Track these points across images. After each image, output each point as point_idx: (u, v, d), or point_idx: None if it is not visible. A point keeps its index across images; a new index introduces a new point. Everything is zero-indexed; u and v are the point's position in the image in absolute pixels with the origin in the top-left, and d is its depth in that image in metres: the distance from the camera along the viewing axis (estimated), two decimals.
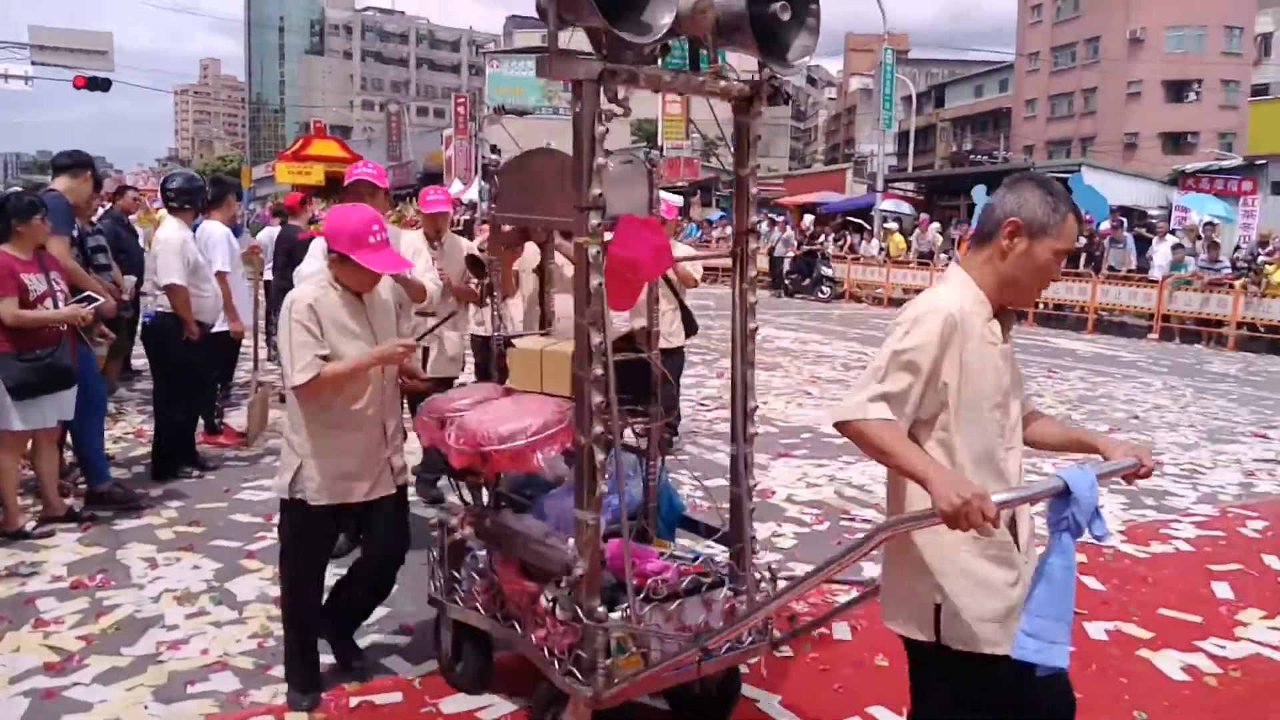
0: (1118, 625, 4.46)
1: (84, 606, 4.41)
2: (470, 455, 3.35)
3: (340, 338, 3.48)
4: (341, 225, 3.48)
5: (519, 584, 3.42)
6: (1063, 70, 57.58)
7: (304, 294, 3.50)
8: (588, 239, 2.98)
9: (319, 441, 3.52)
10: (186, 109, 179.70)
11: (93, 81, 29.34)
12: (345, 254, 3.46)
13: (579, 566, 3.05)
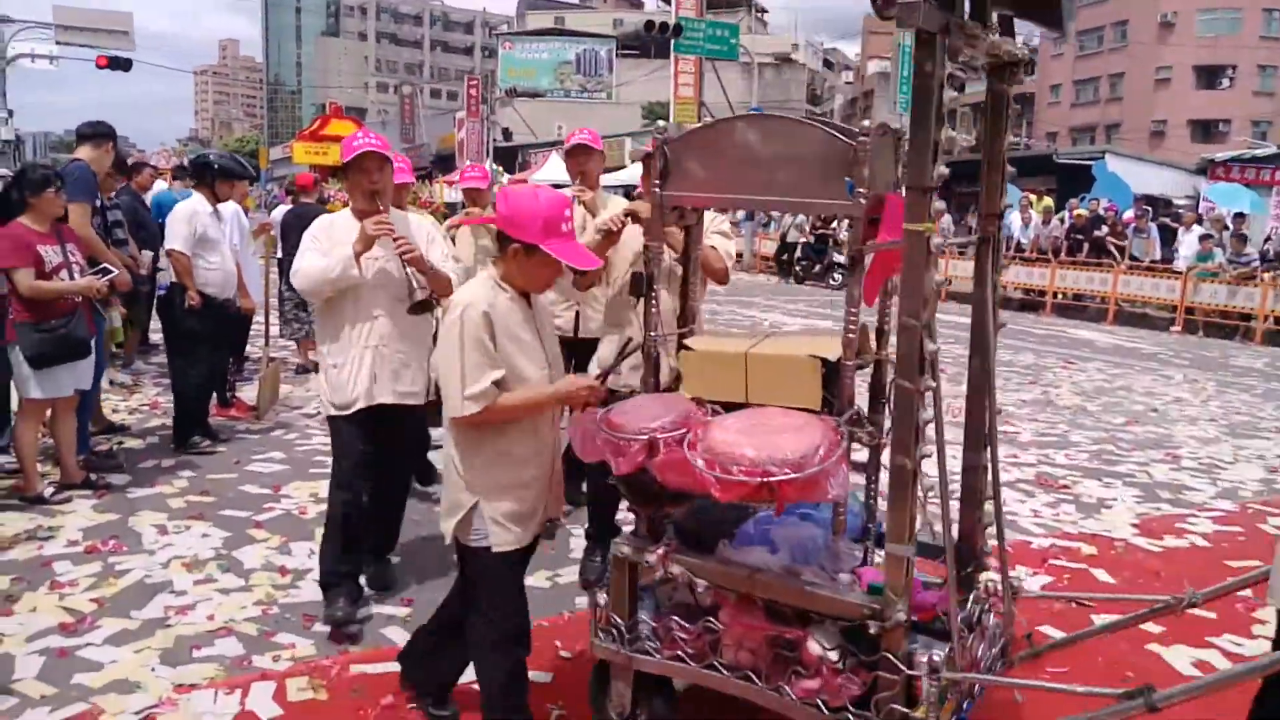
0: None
1: (97, 570, 4.48)
2: (748, 486, 2.74)
3: (516, 351, 2.91)
4: (531, 209, 2.85)
5: (763, 628, 2.99)
6: (1089, 54, 56.70)
7: (475, 298, 2.87)
8: (925, 225, 2.60)
9: (493, 474, 2.96)
10: (206, 90, 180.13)
11: (114, 61, 29.56)
12: (535, 244, 2.84)
13: (896, 609, 2.69)
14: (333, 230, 4.02)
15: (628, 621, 3.22)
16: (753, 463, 2.72)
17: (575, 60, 67.91)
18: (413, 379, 4.14)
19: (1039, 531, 5.62)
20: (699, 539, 3.18)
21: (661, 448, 2.90)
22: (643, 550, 3.15)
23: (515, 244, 2.86)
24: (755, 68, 34.68)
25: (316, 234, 4.02)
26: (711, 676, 3.06)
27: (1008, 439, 7.74)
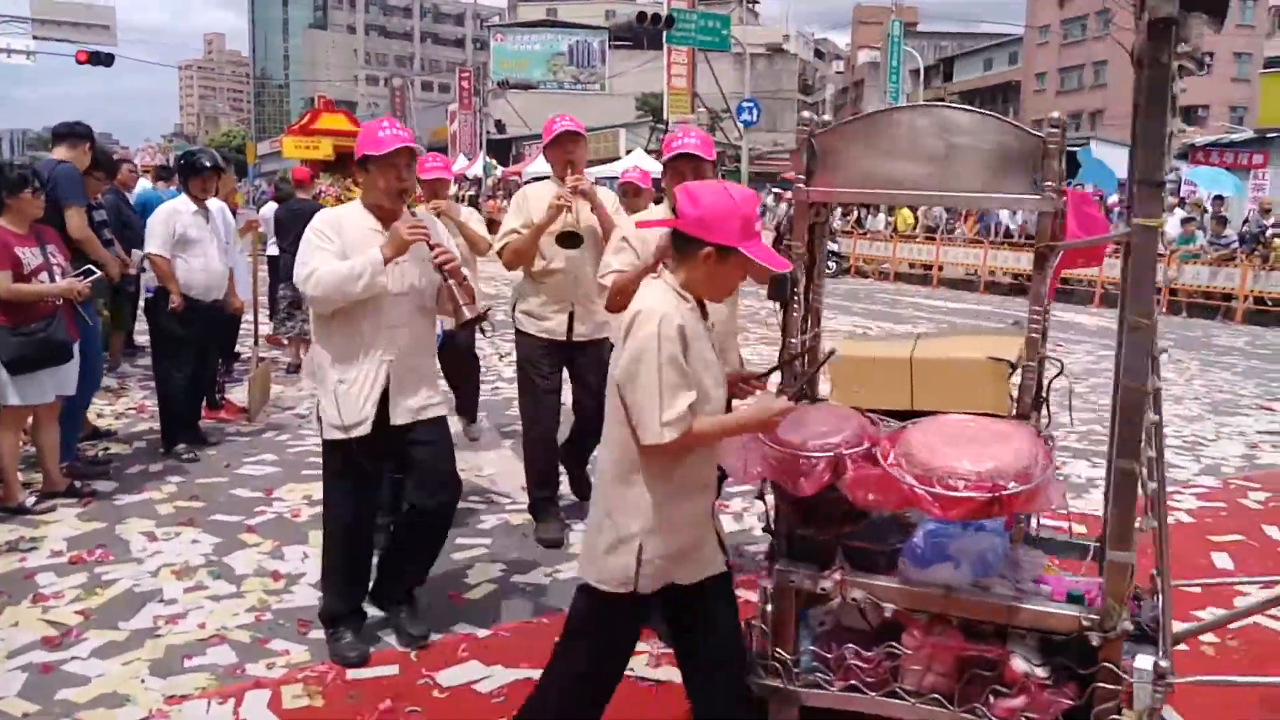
0: None
1: (83, 581, 4.40)
2: (975, 503, 2.59)
3: (703, 370, 2.62)
4: (728, 207, 2.53)
5: (958, 648, 2.83)
6: (1073, 43, 57.13)
7: (668, 310, 2.54)
8: (1157, 221, 2.50)
9: (667, 510, 2.64)
10: (191, 84, 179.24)
11: (95, 56, 29.29)
12: (733, 247, 2.54)
13: (1120, 618, 2.60)
14: (342, 229, 3.62)
15: (794, 654, 2.98)
16: (979, 476, 2.57)
17: (568, 52, 67.62)
18: (427, 394, 3.78)
19: None
20: (869, 559, 2.95)
21: (849, 465, 2.73)
22: (814, 576, 2.91)
23: (708, 248, 2.54)
24: (747, 58, 34.58)
25: (325, 232, 3.61)
26: (893, 705, 2.88)
27: None
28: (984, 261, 19.69)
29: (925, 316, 14.63)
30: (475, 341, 6.98)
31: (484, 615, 4.12)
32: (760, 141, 44.80)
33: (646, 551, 2.60)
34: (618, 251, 3.90)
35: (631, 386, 2.53)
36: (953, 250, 20.75)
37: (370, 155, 3.59)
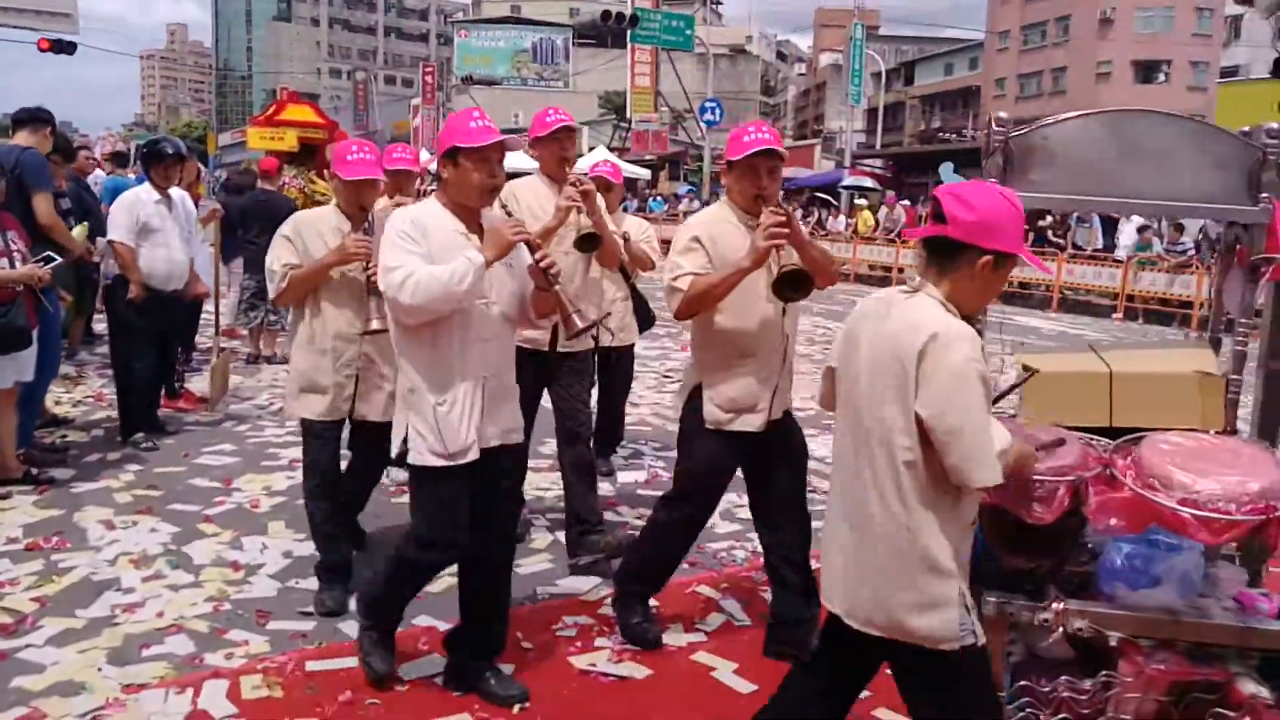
0: None
1: (39, 568, 4.35)
2: (1245, 526, 2.48)
3: None
4: (1009, 210, 2.32)
5: (1181, 674, 2.68)
6: (1033, 49, 57.84)
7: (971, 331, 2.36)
8: None
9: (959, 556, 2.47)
10: (153, 74, 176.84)
11: (57, 44, 28.83)
12: (1013, 253, 2.34)
13: None
14: (427, 230, 3.17)
15: (1009, 690, 2.77)
16: (1252, 498, 2.42)
17: (532, 49, 67.51)
18: (513, 414, 3.45)
19: None
20: (1076, 584, 2.79)
21: (1089, 489, 2.58)
22: (1032, 608, 2.71)
23: (986, 255, 2.28)
24: (710, 59, 34.71)
25: (410, 233, 3.14)
26: None
27: None
28: None
29: None
30: None
31: (443, 608, 4.10)
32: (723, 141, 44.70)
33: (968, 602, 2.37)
34: (687, 252, 3.51)
35: (955, 417, 2.23)
36: (912, 252, 20.95)
37: (461, 147, 3.16)
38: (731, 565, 4.76)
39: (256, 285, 8.61)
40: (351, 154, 4.12)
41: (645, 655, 3.75)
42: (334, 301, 4.06)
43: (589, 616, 4.09)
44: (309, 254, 4.02)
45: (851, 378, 2.46)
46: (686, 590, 4.39)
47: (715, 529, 5.11)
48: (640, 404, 8.13)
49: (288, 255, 4.04)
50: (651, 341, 11.59)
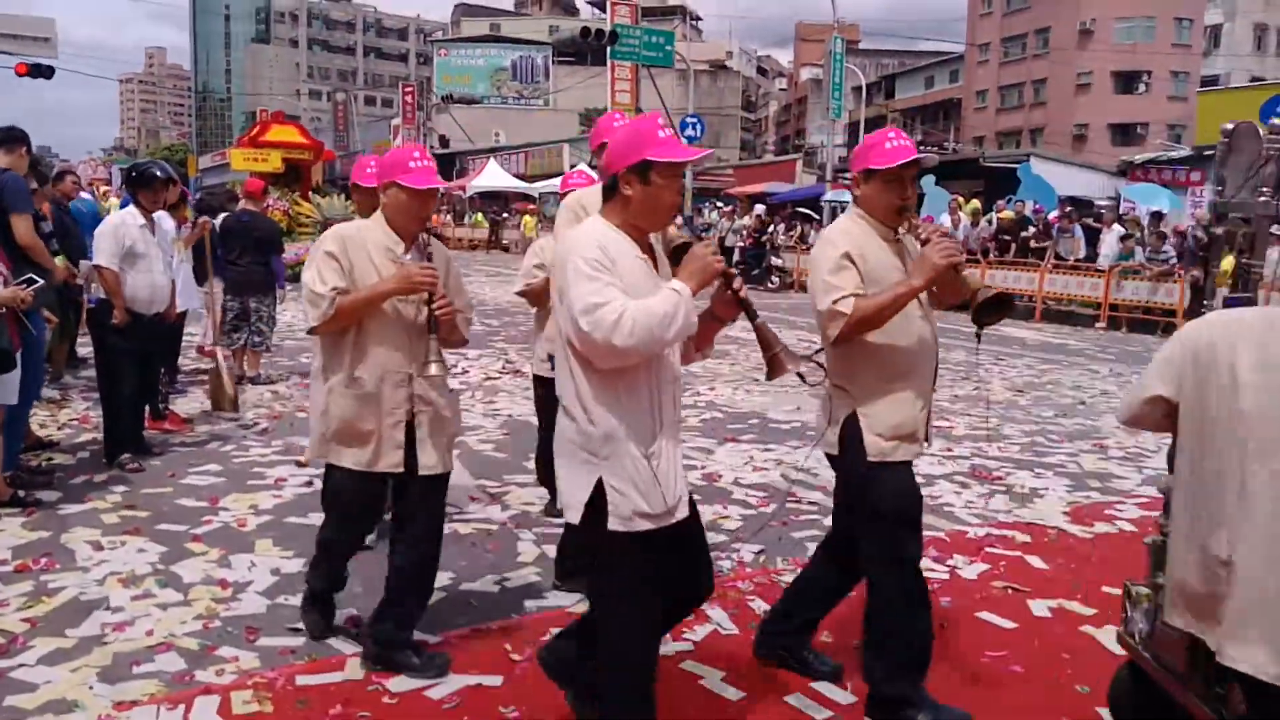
0: (1060, 603, 4.53)
1: (29, 589, 4.36)
2: None
3: None
4: None
5: None
6: (1013, 61, 58.35)
7: None
8: None
9: None
10: (132, 98, 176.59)
11: (35, 69, 28.74)
12: None
13: None
14: (615, 259, 2.72)
15: None
16: None
17: (511, 67, 67.81)
18: None
19: (975, 521, 5.74)
20: None
21: None
22: None
23: None
24: (691, 75, 34.94)
25: (601, 261, 2.67)
26: None
27: (942, 434, 7.89)
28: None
29: None
30: None
31: (434, 622, 4.13)
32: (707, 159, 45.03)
33: None
34: (840, 270, 3.20)
35: None
36: None
37: (655, 162, 2.73)
38: (717, 575, 4.78)
39: (239, 306, 8.64)
40: (414, 160, 3.54)
41: None
42: (381, 336, 3.51)
43: None
44: (356, 276, 3.47)
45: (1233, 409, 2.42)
46: None
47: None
48: None
49: (335, 277, 3.47)
50: None
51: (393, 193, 3.55)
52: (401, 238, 3.57)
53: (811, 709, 3.51)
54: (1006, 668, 3.87)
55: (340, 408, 3.54)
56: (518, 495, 5.95)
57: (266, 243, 8.77)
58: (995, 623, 4.30)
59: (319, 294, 3.42)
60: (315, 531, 5.08)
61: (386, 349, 3.52)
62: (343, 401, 3.54)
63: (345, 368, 3.54)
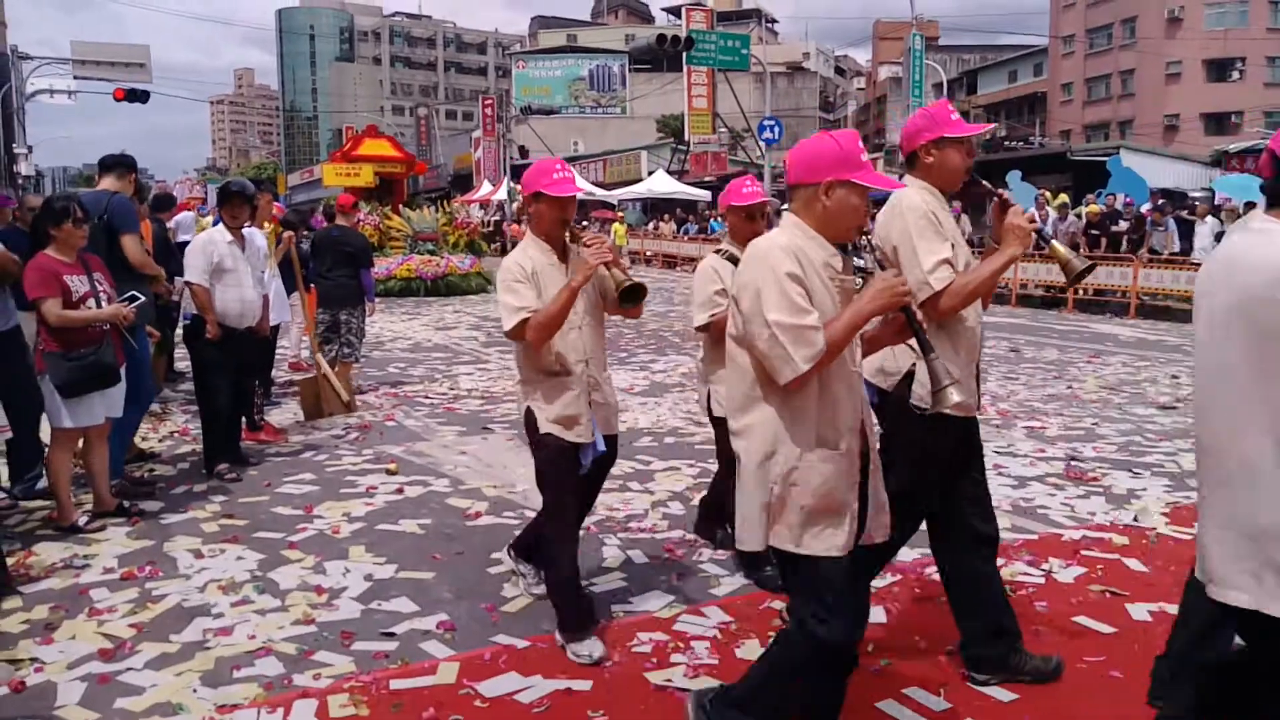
0: (1161, 606, 4.39)
1: (134, 596, 4.52)
2: None
3: None
4: None
5: None
6: (1099, 52, 56.89)
7: None
8: None
9: None
10: (223, 119, 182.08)
11: (132, 94, 29.92)
12: None
13: None
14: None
15: None
16: None
17: (588, 76, 68.39)
18: None
19: (1070, 524, 5.59)
20: None
21: None
22: None
23: None
24: (768, 77, 34.78)
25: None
26: None
27: (1035, 434, 7.72)
28: (1015, 274, 19.43)
29: None
30: None
31: (522, 627, 4.18)
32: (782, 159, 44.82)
33: None
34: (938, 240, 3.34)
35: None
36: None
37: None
38: None
39: (330, 319, 8.83)
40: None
41: (721, 670, 3.77)
42: (841, 374, 2.84)
43: (663, 633, 4.12)
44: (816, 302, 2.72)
45: None
46: (759, 607, 4.40)
47: None
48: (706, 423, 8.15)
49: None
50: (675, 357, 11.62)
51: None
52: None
53: (904, 715, 3.46)
54: (1106, 673, 3.77)
55: (814, 477, 2.76)
56: (602, 500, 5.96)
57: (356, 256, 8.97)
58: (1093, 627, 4.18)
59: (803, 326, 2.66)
60: (405, 538, 5.26)
61: (848, 392, 2.85)
62: (821, 468, 2.77)
63: (813, 424, 2.77)
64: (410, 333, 14.55)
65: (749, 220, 4.54)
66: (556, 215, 3.87)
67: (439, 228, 22.00)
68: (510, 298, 3.78)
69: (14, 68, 39.84)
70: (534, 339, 3.78)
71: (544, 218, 3.90)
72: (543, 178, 3.86)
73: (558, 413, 3.91)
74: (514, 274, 3.81)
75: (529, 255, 3.88)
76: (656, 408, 8.81)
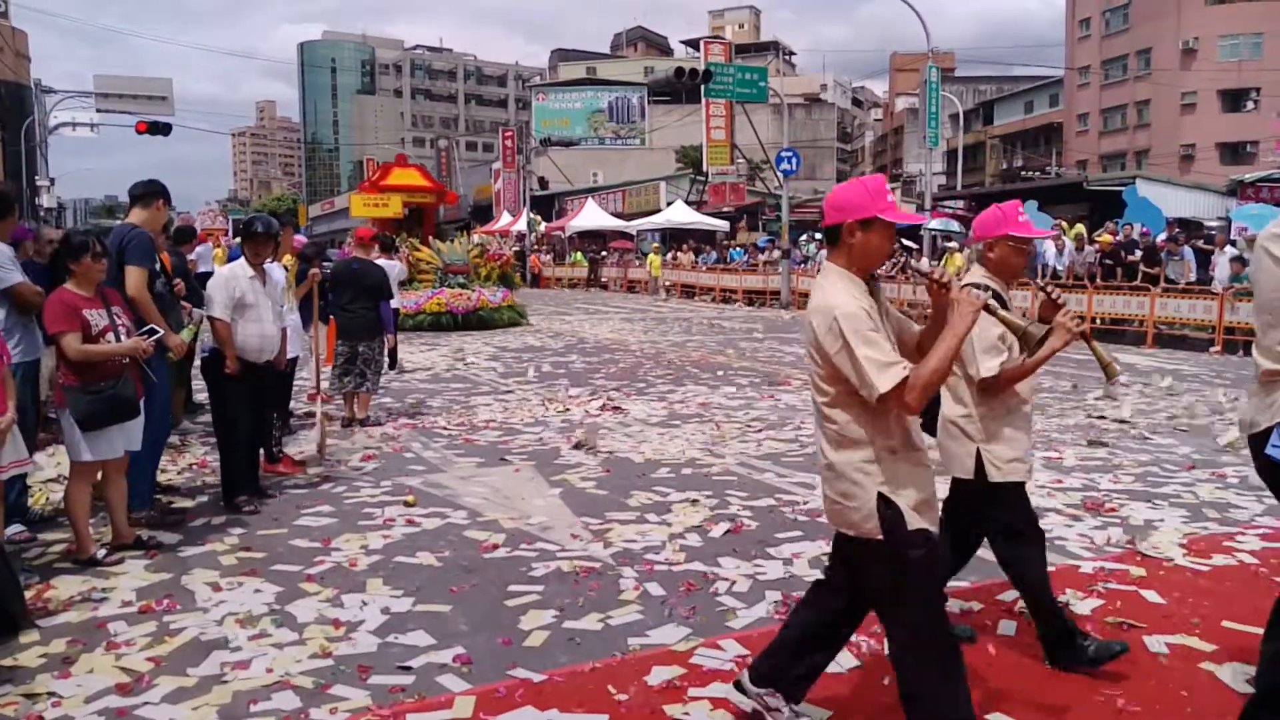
0: (1179, 639, 4.36)
1: (152, 629, 4.53)
2: None
3: None
4: None
5: None
6: (1114, 83, 57.03)
7: None
8: None
9: None
10: (244, 151, 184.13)
11: (154, 126, 30.28)
12: None
13: None
14: None
15: None
16: None
17: (608, 108, 68.89)
18: None
19: (1087, 555, 5.56)
20: None
21: None
22: None
23: None
24: (785, 109, 34.95)
25: None
26: None
27: (1051, 464, 7.67)
28: (1031, 303, 19.41)
29: None
30: None
31: (538, 661, 4.17)
32: (800, 190, 45.06)
33: None
34: None
35: None
36: None
37: None
38: None
39: (349, 351, 8.89)
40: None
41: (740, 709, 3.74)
42: None
43: (680, 666, 4.10)
44: None
45: None
46: None
47: (804, 578, 5.10)
48: (725, 454, 8.16)
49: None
50: (736, 391, 11.63)
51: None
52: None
53: None
54: (1123, 707, 3.73)
55: None
56: (619, 533, 5.98)
57: (375, 289, 9.05)
58: None
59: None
60: (422, 571, 5.26)
61: None
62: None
63: None
64: (429, 363, 14.61)
65: (1020, 253, 4.10)
66: (887, 247, 3.19)
67: (470, 259, 21.19)
68: (872, 351, 2.96)
69: (37, 101, 40.50)
70: (915, 401, 2.94)
71: (872, 250, 3.13)
72: (878, 200, 3.13)
73: (918, 497, 3.10)
74: (865, 321, 3.01)
75: (854, 295, 3.08)
76: (674, 439, 8.80)
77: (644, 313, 25.31)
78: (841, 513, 3.13)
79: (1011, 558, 4.08)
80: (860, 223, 3.10)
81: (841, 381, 3.04)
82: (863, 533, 3.08)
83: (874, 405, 2.97)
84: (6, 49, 41.92)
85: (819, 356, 3.10)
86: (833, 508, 3.18)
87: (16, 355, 5.53)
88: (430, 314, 19.47)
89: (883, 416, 3.05)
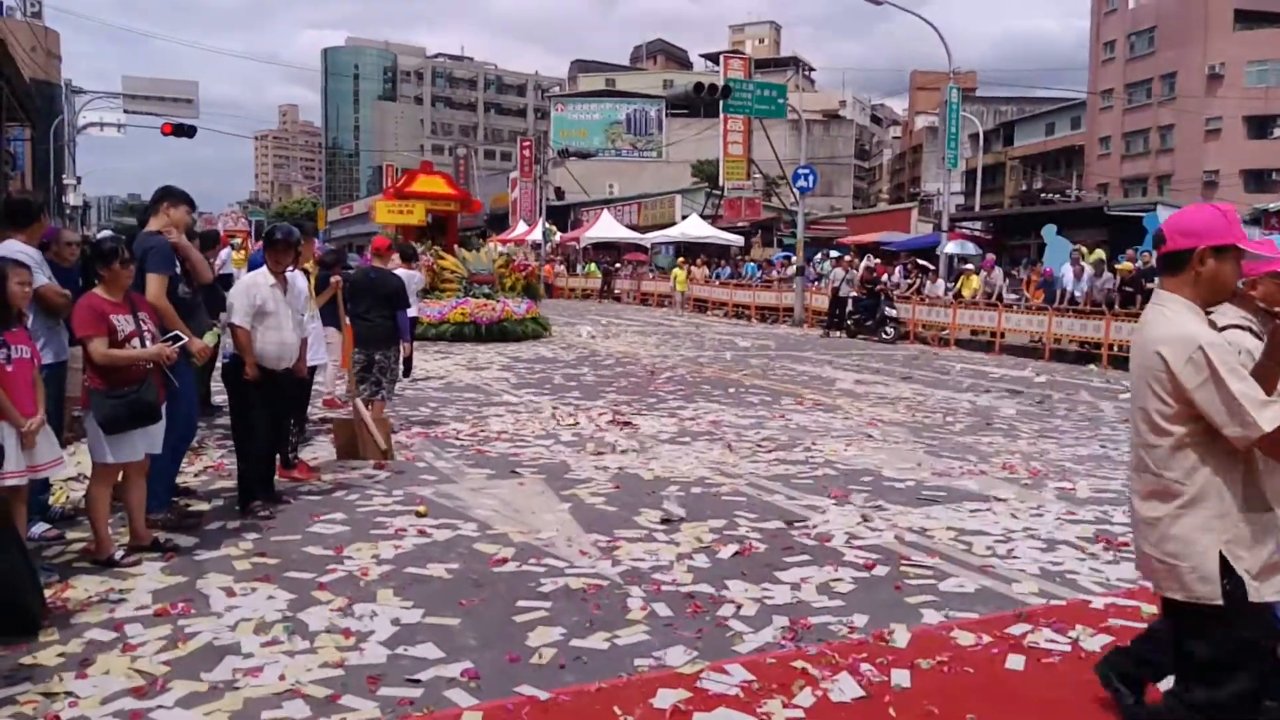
0: None
1: (167, 633, 4.59)
2: None
3: None
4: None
5: None
6: (1138, 107, 56.85)
7: None
8: None
9: None
10: (266, 154, 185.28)
11: (179, 128, 30.60)
12: None
13: None
14: None
15: None
16: None
17: (626, 120, 69.11)
18: None
19: (1099, 590, 5.54)
20: None
21: None
22: None
23: None
24: (804, 125, 35.02)
25: None
26: None
27: (1064, 495, 7.67)
28: (1049, 329, 19.40)
29: (991, 384, 14.62)
30: None
31: (545, 678, 4.20)
32: (816, 206, 45.14)
33: None
34: None
35: None
36: (1015, 316, 20.59)
37: None
38: (829, 641, 4.74)
39: (365, 359, 8.96)
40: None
41: None
42: None
43: (685, 690, 4.12)
44: None
45: None
46: (785, 666, 4.40)
47: (812, 604, 5.12)
48: (735, 474, 8.18)
49: None
50: (746, 410, 11.65)
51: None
52: None
53: None
54: None
55: None
56: (628, 550, 6.01)
57: (392, 298, 9.12)
58: None
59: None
60: (432, 583, 5.31)
61: None
62: None
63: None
64: (443, 371, 14.69)
65: None
66: (1235, 280, 3.02)
67: (495, 270, 21.01)
68: (1247, 387, 2.70)
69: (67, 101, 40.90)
70: None
71: (1222, 281, 2.95)
72: (1234, 227, 2.94)
73: (1265, 560, 2.86)
74: (1232, 354, 2.81)
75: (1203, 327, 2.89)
76: (684, 456, 8.84)
77: (658, 326, 25.35)
78: (1170, 574, 2.90)
79: None
80: (1214, 250, 2.88)
81: (1192, 422, 2.77)
82: (1195, 596, 2.84)
83: (1237, 449, 2.71)
84: (39, 48, 42.35)
85: (1167, 392, 2.81)
86: (1157, 567, 2.93)
87: (45, 358, 5.62)
88: (454, 324, 19.21)
89: (1233, 466, 2.80)
